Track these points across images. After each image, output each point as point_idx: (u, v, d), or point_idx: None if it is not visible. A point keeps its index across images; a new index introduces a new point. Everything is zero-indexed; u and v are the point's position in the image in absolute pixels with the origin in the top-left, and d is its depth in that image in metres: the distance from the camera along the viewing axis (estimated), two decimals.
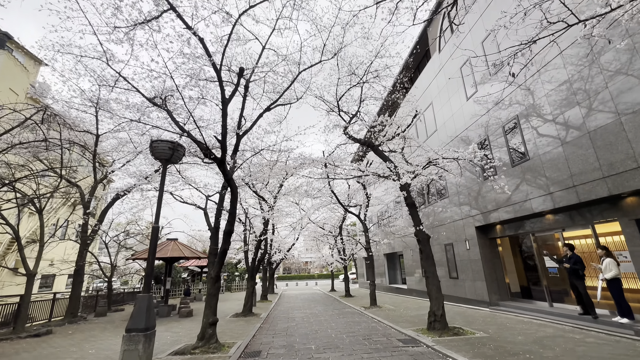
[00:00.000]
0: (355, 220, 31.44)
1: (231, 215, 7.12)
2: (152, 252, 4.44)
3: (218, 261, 6.94)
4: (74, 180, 12.43)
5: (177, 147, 4.82)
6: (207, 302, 6.76)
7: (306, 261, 67.46)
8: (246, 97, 9.23)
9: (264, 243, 13.78)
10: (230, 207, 7.14)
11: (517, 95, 8.89)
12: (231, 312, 13.05)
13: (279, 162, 12.16)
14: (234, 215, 7.15)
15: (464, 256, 11.49)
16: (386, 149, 9.89)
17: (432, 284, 7.42)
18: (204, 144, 6.65)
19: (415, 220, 8.02)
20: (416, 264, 15.77)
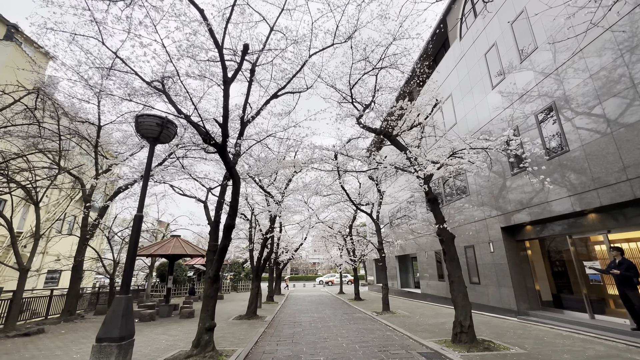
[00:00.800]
0: (365, 221, 30.51)
1: (232, 208, 6.39)
2: (133, 246, 3.73)
3: (217, 259, 6.22)
4: (77, 173, 11.98)
5: (167, 123, 4.11)
6: (204, 305, 6.04)
7: (314, 262, 66.69)
8: (252, 82, 8.54)
9: (270, 241, 13.06)
10: (232, 199, 6.42)
11: (553, 80, 7.92)
12: (235, 313, 12.37)
13: (287, 155, 11.47)
14: (236, 208, 6.43)
15: (486, 260, 10.51)
16: (402, 142, 9.04)
17: (458, 290, 6.53)
18: (202, 128, 5.96)
19: (438, 218, 7.14)
20: (431, 267, 14.79)
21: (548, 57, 8.07)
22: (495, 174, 10.05)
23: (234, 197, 6.41)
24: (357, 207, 13.27)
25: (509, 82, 9.53)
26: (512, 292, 9.16)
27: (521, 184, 8.94)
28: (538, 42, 8.45)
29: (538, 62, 8.42)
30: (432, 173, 6.98)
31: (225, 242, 6.26)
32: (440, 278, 13.80)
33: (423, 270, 15.85)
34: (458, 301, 6.45)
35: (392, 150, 10.74)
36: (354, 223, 19.71)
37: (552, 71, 7.93)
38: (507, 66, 9.64)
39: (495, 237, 10.04)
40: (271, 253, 12.56)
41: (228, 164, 6.23)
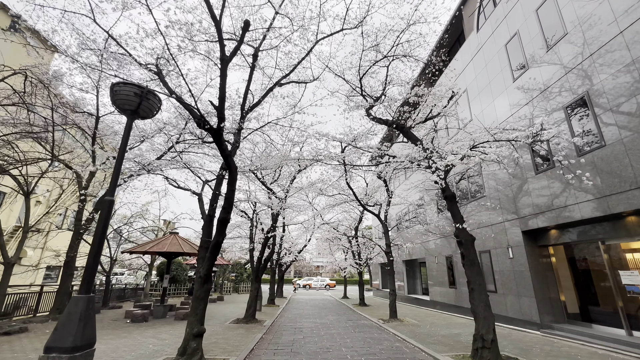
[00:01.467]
0: (370, 223, 29.69)
1: (227, 200, 5.76)
2: (100, 235, 3.11)
3: (209, 256, 5.58)
4: (75, 166, 11.51)
5: (147, 94, 3.50)
6: (192, 308, 5.40)
7: (318, 265, 65.82)
8: (254, 68, 7.96)
9: (272, 241, 12.41)
10: (227, 190, 5.79)
11: (586, 68, 7.15)
12: (232, 316, 11.71)
13: (291, 150, 10.84)
14: (231, 201, 5.79)
15: (504, 266, 9.68)
16: (416, 135, 8.32)
17: (479, 299, 5.77)
18: (196, 110, 5.36)
19: (456, 217, 6.41)
20: (441, 273, 13.96)
21: (579, 43, 7.31)
22: (515, 173, 9.26)
23: (230, 188, 5.78)
24: (364, 207, 12.56)
25: (533, 74, 8.77)
26: (534, 302, 8.33)
27: (546, 184, 8.14)
28: (568, 28, 7.70)
29: (567, 50, 7.66)
30: (451, 165, 6.26)
31: (219, 238, 5.62)
32: (451, 285, 12.96)
33: (432, 276, 15.01)
34: (479, 312, 5.69)
35: (403, 147, 10.01)
36: (359, 225, 18.97)
37: (584, 59, 7.17)
38: (531, 56, 8.88)
39: (515, 242, 9.22)
40: (272, 253, 11.90)
41: (224, 151, 5.60)
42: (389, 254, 12.10)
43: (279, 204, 10.17)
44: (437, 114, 7.56)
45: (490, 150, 6.51)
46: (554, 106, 7.93)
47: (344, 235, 19.09)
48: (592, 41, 7.00)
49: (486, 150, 6.59)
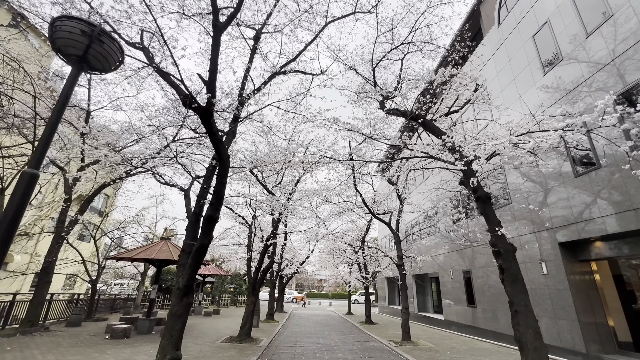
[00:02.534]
0: (376, 235, 28.37)
1: (217, 195, 4.75)
2: (12, 217, 2.11)
3: (192, 263, 4.53)
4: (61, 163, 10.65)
5: (99, 34, 2.56)
6: (166, 328, 4.30)
7: (320, 279, 63.87)
8: (255, 51, 7.11)
9: (271, 249, 11.29)
10: (217, 184, 4.79)
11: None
12: (226, 333, 10.50)
13: (296, 150, 9.89)
14: (221, 196, 4.79)
15: (536, 283, 8.45)
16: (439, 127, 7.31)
17: (527, 324, 4.59)
18: (180, 84, 4.44)
19: (492, 222, 5.31)
20: (457, 290, 12.65)
21: (632, 22, 6.35)
22: (549, 175, 8.16)
23: (220, 181, 4.78)
24: (373, 214, 11.46)
25: (568, 64, 7.80)
26: (577, 327, 7.07)
27: (588, 187, 7.02)
28: (613, 9, 6.76)
29: (613, 32, 6.70)
30: (484, 159, 5.21)
31: (204, 240, 4.58)
32: (470, 303, 11.64)
33: (447, 293, 13.67)
34: (527, 341, 4.51)
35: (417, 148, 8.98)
36: (367, 235, 17.78)
37: (637, 41, 6.18)
38: (566, 45, 7.93)
39: (550, 255, 8.03)
40: (272, 263, 10.77)
41: (214, 135, 4.64)
42: (400, 267, 10.90)
43: (281, 206, 9.12)
44: (466, 103, 6.56)
45: (527, 145, 5.48)
46: (598, 96, 6.90)
47: (350, 246, 17.87)
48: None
49: (525, 144, 5.58)
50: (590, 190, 7.01)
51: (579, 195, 7.27)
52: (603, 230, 6.64)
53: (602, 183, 6.72)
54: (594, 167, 6.92)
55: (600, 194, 6.77)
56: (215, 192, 4.76)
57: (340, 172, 10.53)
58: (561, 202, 7.75)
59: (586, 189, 7.11)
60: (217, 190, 4.76)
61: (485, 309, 10.63)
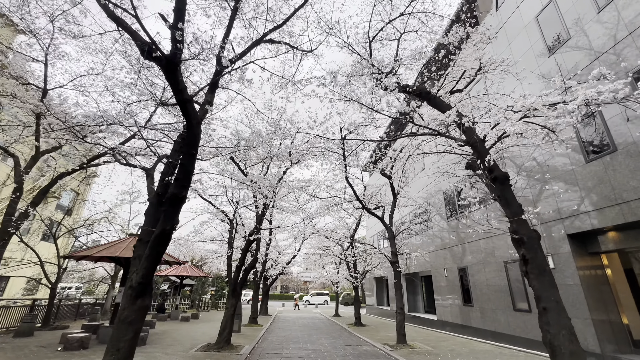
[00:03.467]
0: (364, 234, 27.68)
1: (184, 169, 3.77)
2: None
3: (150, 255, 3.53)
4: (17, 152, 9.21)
5: None
6: (111, 340, 3.28)
7: (306, 280, 62.75)
8: (237, 12, 6.14)
9: (255, 246, 10.27)
10: (185, 155, 3.81)
11: None
12: (203, 340, 9.38)
13: (282, 138, 8.96)
14: (190, 170, 3.81)
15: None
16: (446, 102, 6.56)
17: (559, 324, 3.86)
18: (139, 30, 3.45)
19: (512, 206, 4.58)
20: (452, 289, 12.03)
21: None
22: (557, 160, 7.62)
23: (188, 151, 3.80)
24: (365, 207, 10.64)
25: (577, 42, 7.28)
26: (591, 326, 6.48)
27: (602, 171, 6.47)
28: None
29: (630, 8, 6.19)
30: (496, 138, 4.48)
31: (166, 225, 3.59)
32: (466, 302, 11.03)
33: (441, 292, 13.05)
34: (560, 344, 3.77)
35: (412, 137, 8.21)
36: (356, 231, 17.01)
37: None
38: (574, 24, 7.42)
39: (557, 248, 7.46)
40: (255, 261, 9.75)
41: (180, 93, 3.67)
42: (395, 264, 10.14)
43: (270, 191, 8.15)
44: (477, 72, 5.85)
45: (544, 120, 4.83)
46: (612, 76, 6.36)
47: (338, 245, 17.03)
48: None
49: (542, 119, 4.92)
50: (603, 176, 6.46)
51: (591, 182, 6.71)
52: (618, 219, 6.09)
53: (618, 167, 6.17)
54: (609, 151, 6.38)
55: (615, 179, 6.22)
56: (182, 165, 3.77)
57: (332, 161, 9.69)
58: (570, 190, 7.19)
59: (599, 174, 6.56)
60: (185, 162, 3.77)
61: (484, 308, 10.02)
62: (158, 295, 21.06)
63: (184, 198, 3.72)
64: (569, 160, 7.30)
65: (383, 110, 5.51)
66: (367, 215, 17.07)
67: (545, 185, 7.91)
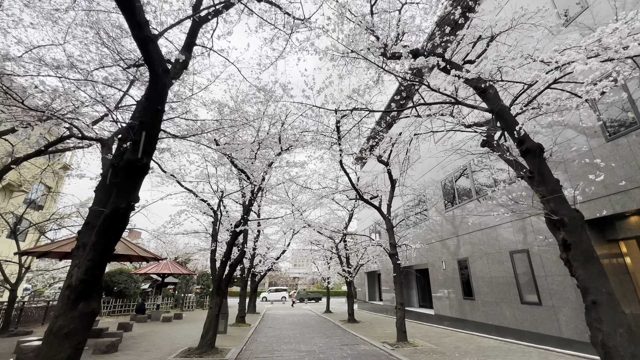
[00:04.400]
0: (356, 229, 27.05)
1: (144, 128, 2.84)
2: None
3: (97, 242, 2.60)
4: None
5: None
6: (41, 358, 2.35)
7: (294, 277, 62.05)
8: None
9: (242, 239, 9.34)
10: (146, 112, 2.88)
11: None
12: (185, 343, 8.44)
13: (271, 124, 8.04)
14: (153, 130, 2.89)
15: (552, 269, 7.33)
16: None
17: (613, 320, 3.18)
18: None
19: (549, 182, 3.89)
20: (451, 282, 11.49)
21: None
22: (573, 139, 7.03)
23: (151, 107, 2.87)
24: (361, 197, 9.86)
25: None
26: None
27: (626, 149, 5.91)
28: None
29: None
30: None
31: (120, 203, 2.66)
32: (467, 296, 10.49)
33: (438, 285, 12.51)
34: (616, 344, 3.09)
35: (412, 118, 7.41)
36: (349, 224, 16.29)
37: None
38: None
39: None
40: (242, 255, 8.84)
41: (139, 28, 2.72)
42: (394, 257, 9.44)
43: (256, 186, 7.24)
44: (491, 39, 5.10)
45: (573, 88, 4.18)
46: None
47: (330, 239, 16.25)
48: None
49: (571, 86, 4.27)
50: (627, 155, 5.89)
51: (613, 163, 6.14)
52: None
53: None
54: (634, 127, 5.80)
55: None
56: (143, 123, 2.84)
57: (325, 147, 8.85)
58: (589, 172, 6.60)
59: (622, 154, 5.99)
60: (147, 120, 2.84)
61: (487, 301, 9.49)
62: (138, 294, 19.76)
63: (144, 167, 2.80)
64: (585, 139, 6.71)
65: (391, 73, 4.67)
66: (359, 208, 16.38)
67: (556, 166, 7.34)
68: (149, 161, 2.90)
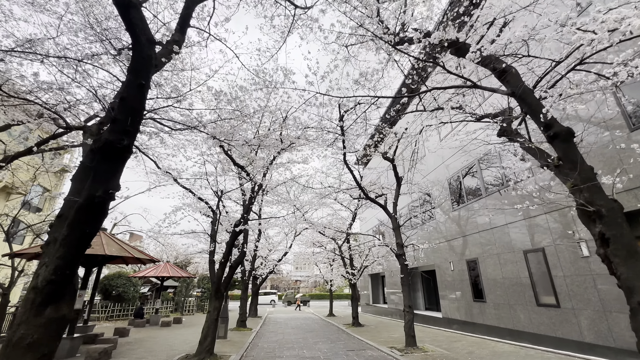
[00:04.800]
0: (359, 228, 26.59)
1: (125, 104, 2.46)
2: None
3: (68, 235, 2.21)
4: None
5: None
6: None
7: (296, 280, 61.47)
8: None
9: (242, 239, 8.95)
10: (127, 86, 2.51)
11: None
12: (183, 349, 8.02)
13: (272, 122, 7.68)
14: (136, 109, 2.51)
15: (571, 269, 6.90)
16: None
17: None
18: None
19: (582, 168, 3.48)
20: (460, 283, 11.04)
21: None
22: (596, 128, 6.62)
23: (134, 81, 2.50)
24: (366, 195, 9.47)
25: None
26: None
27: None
28: None
29: None
30: None
31: (96, 190, 2.28)
32: (477, 298, 10.04)
33: (446, 287, 12.06)
34: None
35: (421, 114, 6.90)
36: (351, 227, 15.86)
37: None
38: None
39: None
40: (243, 256, 8.44)
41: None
42: (401, 257, 9.02)
43: (260, 181, 6.86)
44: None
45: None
46: None
47: (333, 240, 15.83)
48: None
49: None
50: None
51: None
52: None
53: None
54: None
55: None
56: (124, 100, 2.47)
57: (327, 142, 8.48)
58: (612, 163, 6.19)
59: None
60: (128, 95, 2.47)
61: (499, 303, 9.04)
62: (137, 298, 19.36)
63: (125, 149, 2.41)
64: (621, 121, 6.27)
65: (403, 52, 4.27)
66: (363, 208, 15.97)
67: (587, 153, 6.91)
68: (132, 142, 2.52)
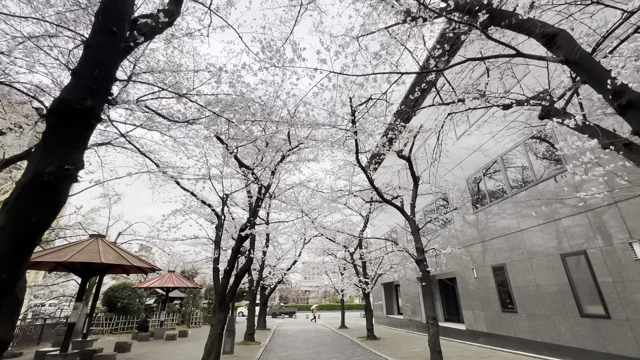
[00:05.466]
0: (371, 234, 25.67)
1: (91, 56, 1.89)
2: None
3: (4, 228, 1.60)
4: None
5: None
6: None
7: (306, 290, 60.20)
8: None
9: (248, 245, 8.30)
10: (97, 32, 1.94)
11: None
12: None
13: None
14: (105, 59, 1.93)
15: (620, 274, 6.04)
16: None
17: None
18: None
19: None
20: (485, 292, 10.13)
21: None
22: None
23: (103, 25, 1.93)
24: (382, 197, 8.75)
25: None
26: None
27: None
28: None
29: None
30: None
31: (44, 164, 1.68)
32: (506, 308, 9.12)
33: (469, 296, 11.13)
34: None
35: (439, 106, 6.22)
36: (364, 231, 15.08)
37: None
38: None
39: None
40: (250, 263, 7.79)
41: None
42: (422, 263, 8.23)
43: (267, 180, 6.26)
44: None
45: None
46: None
47: (344, 247, 15.06)
48: None
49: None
50: None
51: None
52: None
53: None
54: None
55: None
56: (89, 47, 1.90)
57: (340, 138, 7.88)
58: None
59: None
60: (94, 44, 1.90)
61: (533, 314, 8.12)
62: (142, 310, 18.75)
63: (89, 113, 1.83)
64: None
65: (434, 12, 3.64)
66: (375, 212, 15.22)
67: None
68: (100, 106, 1.93)
